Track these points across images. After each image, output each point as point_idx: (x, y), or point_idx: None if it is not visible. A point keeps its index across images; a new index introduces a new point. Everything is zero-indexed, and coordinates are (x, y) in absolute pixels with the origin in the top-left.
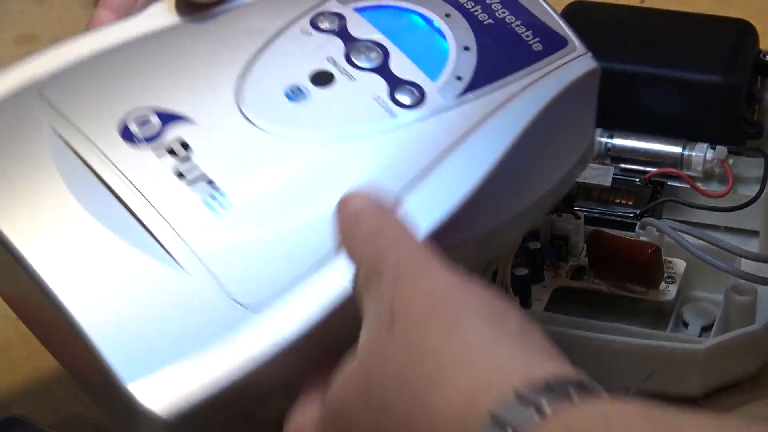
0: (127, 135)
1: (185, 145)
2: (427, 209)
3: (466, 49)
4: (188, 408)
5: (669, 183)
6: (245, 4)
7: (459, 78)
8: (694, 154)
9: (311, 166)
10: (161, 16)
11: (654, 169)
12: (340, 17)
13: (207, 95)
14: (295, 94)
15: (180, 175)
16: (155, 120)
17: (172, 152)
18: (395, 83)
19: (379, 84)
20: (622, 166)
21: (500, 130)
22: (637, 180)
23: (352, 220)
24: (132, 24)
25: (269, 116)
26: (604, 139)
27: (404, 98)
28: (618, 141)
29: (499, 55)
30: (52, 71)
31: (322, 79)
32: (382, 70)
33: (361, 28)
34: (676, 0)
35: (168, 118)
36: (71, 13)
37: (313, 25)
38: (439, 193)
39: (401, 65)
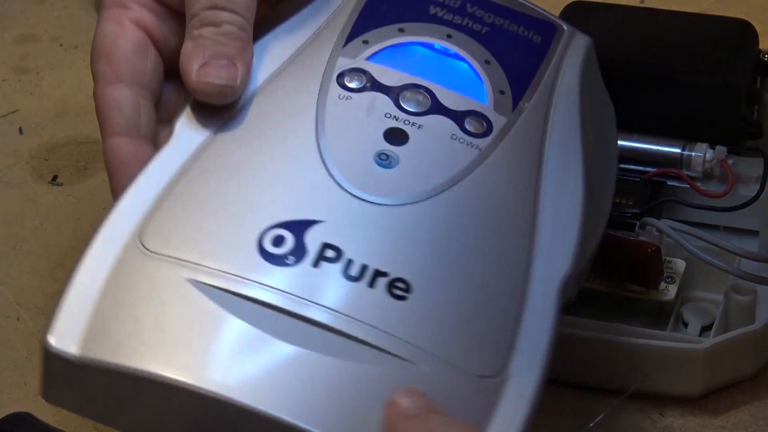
0: (274, 260)
1: (332, 247)
2: (562, 232)
3: (487, 62)
4: None
5: (669, 183)
6: (257, 91)
7: (502, 92)
8: (693, 154)
9: (446, 220)
10: (193, 132)
11: (654, 169)
12: (363, 72)
13: (310, 192)
14: (384, 160)
15: (351, 277)
16: (286, 233)
17: (326, 259)
18: (458, 117)
19: (446, 123)
20: (622, 166)
21: (565, 128)
22: (637, 180)
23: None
24: (174, 152)
25: (381, 191)
26: None
27: (475, 128)
28: (618, 141)
29: (516, 58)
30: (138, 223)
31: (397, 137)
32: (438, 108)
33: (387, 75)
34: (676, 0)
35: (295, 227)
36: (71, 13)
37: (343, 86)
38: (564, 209)
39: (450, 98)
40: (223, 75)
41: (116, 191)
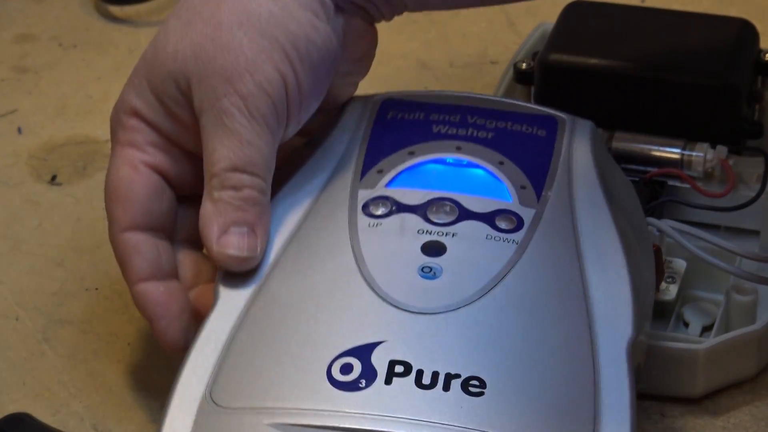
0: (348, 387)
1: (400, 362)
2: (616, 299)
3: (501, 163)
4: None
5: (669, 183)
6: (290, 241)
7: (523, 187)
8: (694, 154)
9: (503, 314)
10: (236, 289)
11: (654, 169)
12: (386, 198)
13: (365, 317)
14: (428, 272)
15: (425, 386)
16: (353, 360)
17: (397, 374)
18: (488, 218)
19: (478, 225)
20: (622, 166)
21: (592, 203)
22: (638, 180)
23: None
24: (223, 312)
25: (432, 300)
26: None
27: (507, 224)
28: (618, 141)
29: (527, 154)
30: (207, 383)
31: (435, 248)
32: (467, 214)
33: (410, 196)
34: (677, 0)
35: (359, 352)
36: (70, 13)
37: (370, 215)
38: (610, 277)
39: (475, 203)
40: (243, 245)
41: (161, 334)
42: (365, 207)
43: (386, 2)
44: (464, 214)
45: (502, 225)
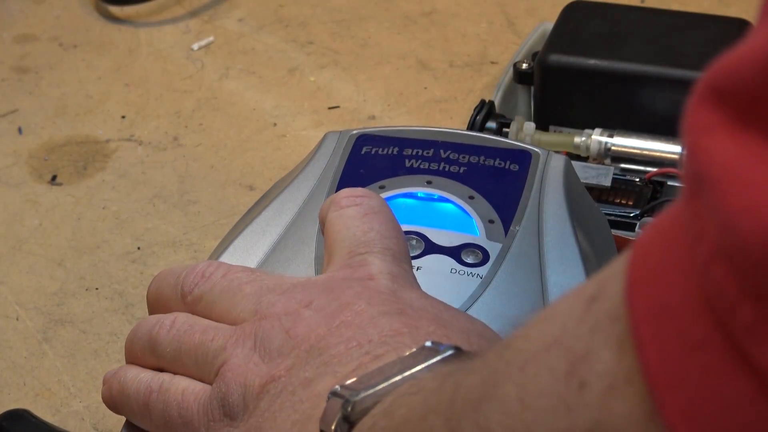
0: None
1: None
2: None
3: (471, 198)
4: None
5: (669, 183)
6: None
7: (491, 221)
8: None
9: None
10: None
11: (654, 169)
12: None
13: None
14: None
15: None
16: None
17: None
18: (453, 252)
19: (443, 259)
20: (622, 166)
21: (560, 236)
22: (637, 180)
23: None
24: None
25: None
26: (604, 139)
27: (472, 258)
28: (618, 141)
29: (499, 189)
30: None
31: None
32: (433, 248)
33: None
34: (676, 0)
35: None
36: (71, 13)
37: None
38: None
39: (442, 237)
40: None
41: None
42: None
43: None
44: (430, 248)
45: (468, 259)
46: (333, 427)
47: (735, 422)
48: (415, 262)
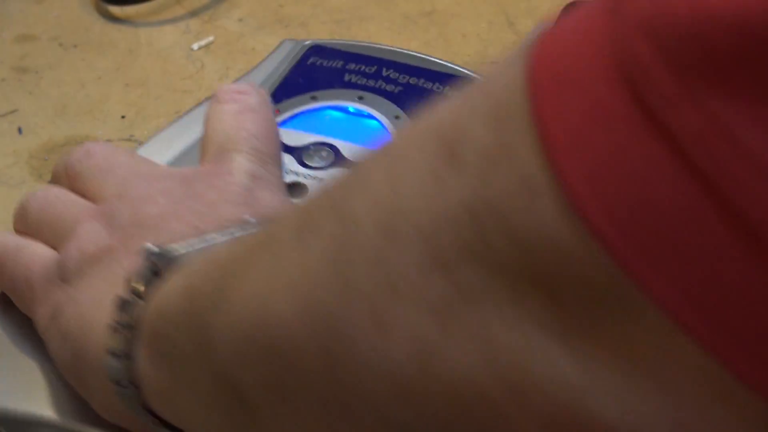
0: None
1: None
2: None
3: (397, 117)
4: None
5: None
6: (174, 162)
7: None
8: None
9: None
10: None
11: None
12: None
13: None
14: None
15: None
16: None
17: None
18: None
19: None
20: None
21: None
22: None
23: None
24: None
25: None
26: None
27: None
28: None
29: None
30: None
31: (297, 191)
32: (341, 162)
33: (294, 137)
34: None
35: None
36: (70, 13)
37: None
38: None
39: (354, 151)
40: None
41: None
42: None
43: None
44: (339, 161)
45: None
46: (137, 277)
47: (638, 184)
48: (319, 173)
